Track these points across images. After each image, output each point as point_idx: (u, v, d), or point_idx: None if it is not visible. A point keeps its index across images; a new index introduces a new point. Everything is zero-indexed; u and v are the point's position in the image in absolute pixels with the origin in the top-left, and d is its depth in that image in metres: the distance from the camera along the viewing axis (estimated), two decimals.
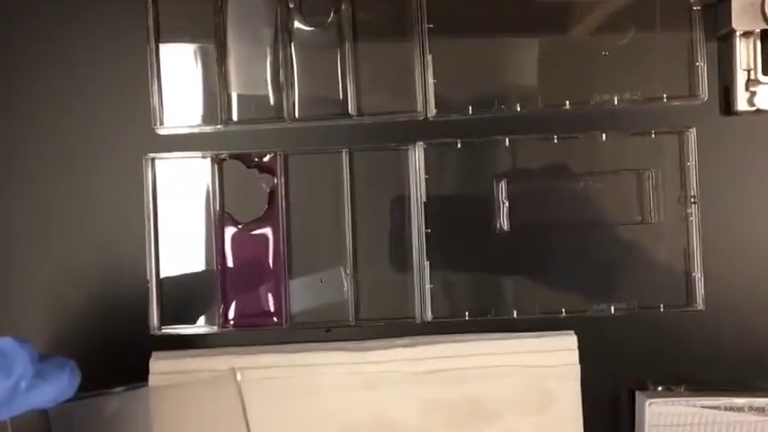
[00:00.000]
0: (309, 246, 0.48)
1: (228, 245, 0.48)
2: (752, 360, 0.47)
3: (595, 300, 0.47)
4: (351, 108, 0.48)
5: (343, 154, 0.48)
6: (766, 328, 0.47)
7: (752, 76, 0.47)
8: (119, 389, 0.45)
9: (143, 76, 0.47)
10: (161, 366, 0.46)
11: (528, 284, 0.48)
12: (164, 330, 0.47)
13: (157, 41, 0.48)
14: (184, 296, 0.48)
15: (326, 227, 0.48)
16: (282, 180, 0.47)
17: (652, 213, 0.47)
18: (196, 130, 0.48)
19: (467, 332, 0.47)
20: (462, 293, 0.48)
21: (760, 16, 0.46)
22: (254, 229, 0.48)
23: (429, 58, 0.47)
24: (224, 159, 0.48)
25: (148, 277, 0.47)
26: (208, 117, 0.48)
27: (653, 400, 0.46)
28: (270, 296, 0.48)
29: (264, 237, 0.48)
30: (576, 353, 0.47)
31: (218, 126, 0.48)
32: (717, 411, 0.45)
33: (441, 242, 0.47)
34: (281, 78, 0.48)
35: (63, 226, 0.48)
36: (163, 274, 0.48)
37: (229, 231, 0.48)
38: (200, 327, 0.48)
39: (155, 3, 0.47)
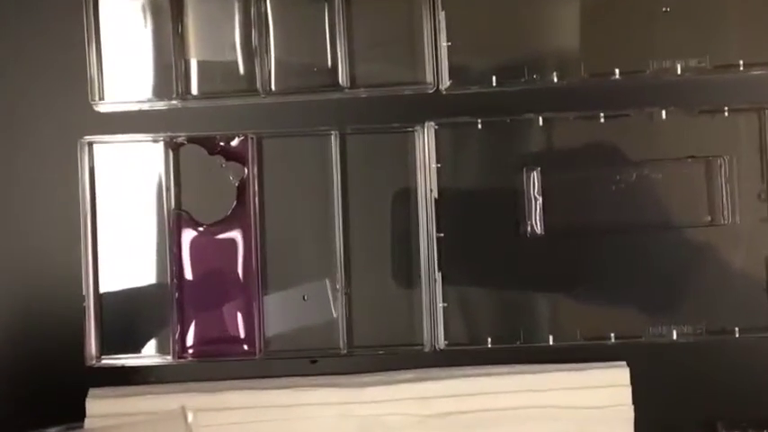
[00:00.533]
0: (289, 253, 0.46)
1: (186, 252, 0.46)
2: None
3: (653, 322, 0.44)
4: (342, 79, 0.45)
5: (332, 137, 0.45)
6: None
7: None
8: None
9: (78, 38, 0.45)
10: (100, 407, 0.43)
11: (567, 302, 0.45)
12: (104, 361, 0.45)
13: None
14: (130, 317, 0.46)
15: (311, 229, 0.46)
16: (255, 170, 0.45)
17: (725, 212, 0.45)
18: (145, 107, 0.46)
19: (489, 364, 0.45)
20: (483, 314, 0.46)
21: None
22: (220, 233, 0.46)
23: (442, 14, 0.45)
24: (181, 144, 0.45)
25: (85, 293, 0.45)
26: (160, 90, 0.46)
27: None
28: (239, 317, 0.45)
29: (232, 242, 0.46)
30: (629, 390, 0.44)
31: (174, 101, 0.45)
32: None
33: (456, 249, 0.45)
34: (254, 41, 0.45)
35: None
36: (103, 289, 0.45)
37: (188, 235, 0.46)
38: (149, 356, 0.46)
39: None
